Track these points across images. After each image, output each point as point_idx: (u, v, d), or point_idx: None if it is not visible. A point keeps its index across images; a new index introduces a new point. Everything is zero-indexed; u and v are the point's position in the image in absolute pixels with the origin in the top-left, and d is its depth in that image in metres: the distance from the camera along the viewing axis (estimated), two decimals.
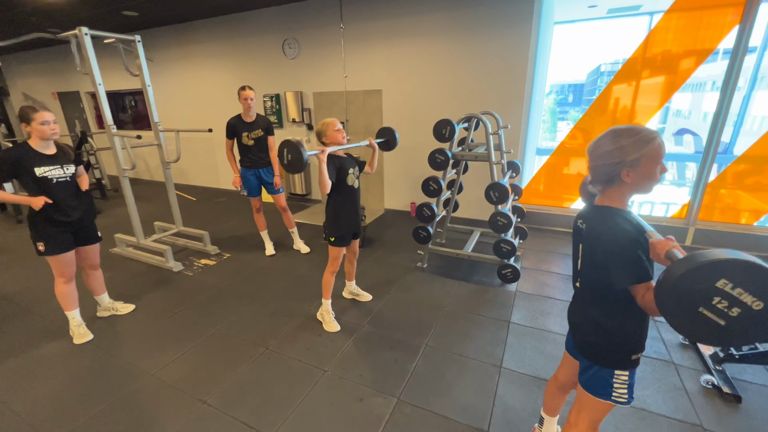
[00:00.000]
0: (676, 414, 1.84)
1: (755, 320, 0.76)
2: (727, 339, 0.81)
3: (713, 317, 0.78)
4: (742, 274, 0.75)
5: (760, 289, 0.74)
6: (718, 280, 0.76)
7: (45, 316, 2.78)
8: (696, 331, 0.82)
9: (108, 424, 1.84)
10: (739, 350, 2.06)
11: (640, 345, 1.16)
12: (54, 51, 7.57)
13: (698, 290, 0.78)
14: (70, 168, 2.29)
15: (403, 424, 1.81)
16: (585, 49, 4.45)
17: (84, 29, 3.00)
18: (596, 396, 1.23)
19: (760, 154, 3.54)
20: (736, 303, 0.76)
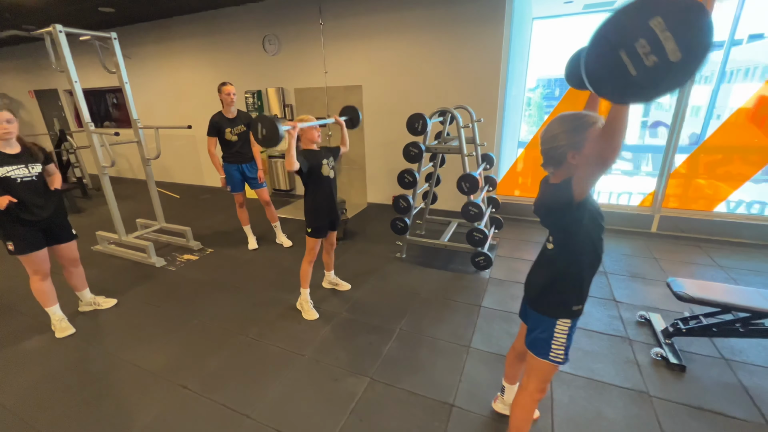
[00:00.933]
0: (625, 383, 1.99)
1: (665, 72, 0.74)
2: (627, 92, 0.80)
3: (628, 63, 0.76)
4: (680, 14, 0.72)
5: (686, 37, 0.72)
6: (655, 17, 0.73)
7: (27, 313, 2.81)
8: (608, 78, 0.81)
9: (90, 411, 1.92)
10: (686, 325, 2.23)
11: (582, 297, 1.30)
12: (30, 48, 7.42)
13: (631, 26, 0.75)
14: (35, 167, 2.29)
15: (373, 401, 1.93)
16: (567, 43, 4.55)
17: (58, 27, 3.01)
18: (537, 356, 1.37)
19: (715, 144, 3.74)
20: (658, 49, 0.73)
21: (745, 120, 3.65)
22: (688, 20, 0.72)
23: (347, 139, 2.66)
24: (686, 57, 0.73)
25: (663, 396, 1.91)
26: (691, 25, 0.72)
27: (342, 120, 2.62)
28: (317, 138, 2.44)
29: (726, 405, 1.84)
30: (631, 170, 6.78)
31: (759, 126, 3.64)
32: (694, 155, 3.86)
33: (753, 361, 2.13)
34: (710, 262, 3.33)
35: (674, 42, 0.72)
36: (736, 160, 3.80)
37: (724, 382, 1.99)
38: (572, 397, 1.92)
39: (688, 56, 0.73)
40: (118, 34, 3.48)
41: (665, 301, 2.71)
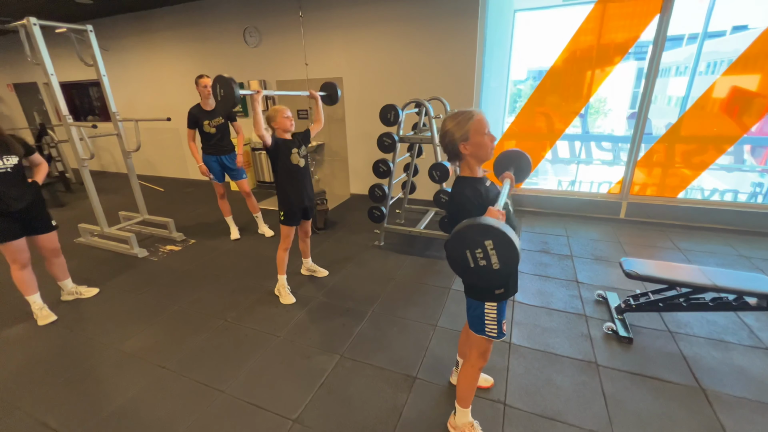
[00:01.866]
0: (577, 355, 2.15)
1: (490, 273, 1.10)
2: (468, 276, 1.15)
3: (469, 259, 1.11)
4: (502, 243, 1.05)
5: (505, 256, 1.06)
6: (488, 239, 1.06)
7: (8, 302, 2.87)
8: (456, 263, 1.15)
9: (72, 392, 2.01)
10: (636, 301, 2.39)
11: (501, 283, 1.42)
12: (7, 41, 7.28)
13: (474, 238, 1.08)
14: (10, 159, 2.33)
15: (342, 375, 2.05)
16: (552, 35, 4.61)
17: (33, 19, 3.02)
18: (475, 332, 1.50)
19: (677, 134, 3.92)
20: (487, 258, 1.08)
21: (706, 110, 3.82)
22: (507, 248, 1.05)
23: (321, 116, 2.72)
24: (502, 267, 1.08)
25: (609, 365, 2.07)
26: (508, 251, 1.06)
27: (318, 95, 2.69)
28: (290, 127, 2.52)
29: (664, 371, 2.01)
30: (611, 160, 6.99)
31: (731, 115, 3.81)
32: (659, 144, 4.04)
33: (695, 333, 2.31)
34: (670, 245, 3.51)
35: (497, 258, 1.07)
36: (698, 149, 3.98)
37: (667, 351, 2.16)
38: (527, 368, 2.07)
39: (503, 267, 1.08)
40: (98, 26, 3.51)
41: (624, 282, 2.86)
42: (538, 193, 4.54)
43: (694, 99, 4.04)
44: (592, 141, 6.72)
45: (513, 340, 2.29)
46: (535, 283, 2.94)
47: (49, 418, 1.83)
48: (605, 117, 10.56)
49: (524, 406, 1.82)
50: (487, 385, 1.94)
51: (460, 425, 1.65)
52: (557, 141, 4.76)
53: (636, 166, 4.02)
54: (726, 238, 3.61)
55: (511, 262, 1.07)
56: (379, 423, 1.76)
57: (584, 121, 7.61)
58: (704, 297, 2.23)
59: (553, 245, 3.58)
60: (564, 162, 6.57)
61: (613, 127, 11.04)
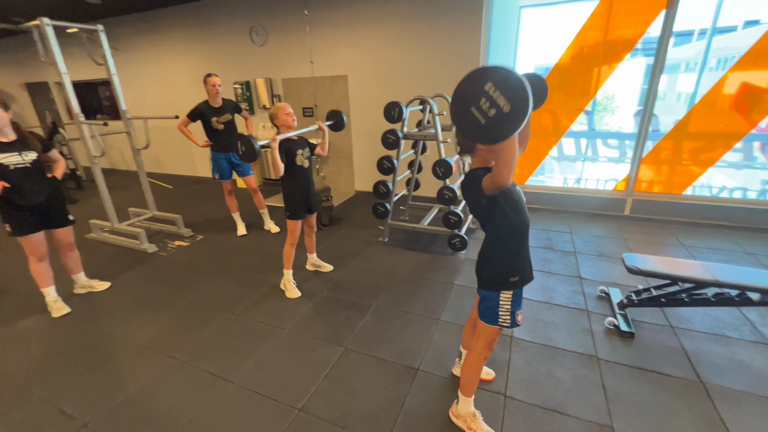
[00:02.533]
0: (578, 349, 2.18)
1: (503, 120, 1.03)
2: (486, 134, 1.08)
3: (478, 115, 1.05)
4: (503, 79, 1.00)
5: (510, 93, 1.00)
6: (486, 83, 1.02)
7: (25, 295, 2.96)
8: (468, 128, 1.10)
9: (85, 380, 2.08)
10: (639, 296, 2.41)
11: (516, 269, 1.45)
12: (20, 41, 7.43)
13: (472, 91, 1.04)
14: (29, 155, 2.42)
15: (346, 367, 2.10)
16: (558, 31, 4.57)
17: (45, 20, 3.10)
18: (487, 323, 1.53)
19: (683, 130, 3.89)
20: (494, 104, 1.02)
21: (713, 106, 3.79)
22: (509, 83, 1.00)
23: (326, 146, 2.80)
24: (514, 107, 1.02)
25: (610, 359, 2.09)
26: (511, 86, 1.01)
27: (326, 126, 2.77)
28: (293, 123, 2.57)
29: (665, 365, 2.02)
30: (618, 157, 6.94)
31: (741, 112, 3.77)
32: (665, 141, 4.01)
33: (697, 328, 2.32)
34: (675, 242, 3.50)
35: (504, 98, 1.00)
36: (705, 145, 3.95)
37: (668, 346, 2.17)
38: (528, 361, 2.10)
39: (515, 106, 1.02)
40: (108, 26, 3.58)
41: (627, 278, 2.88)
42: (542, 190, 4.54)
43: (702, 95, 4.00)
44: (598, 138, 6.69)
45: (515, 334, 2.32)
46: (537, 278, 2.95)
47: (64, 404, 1.91)
48: (613, 114, 10.45)
49: (525, 397, 1.86)
50: (489, 377, 1.98)
51: (463, 414, 1.69)
52: (561, 138, 4.74)
53: (641, 163, 4.01)
54: (732, 235, 3.59)
55: (520, 95, 1.00)
56: (382, 412, 1.80)
57: (590, 119, 7.57)
58: (706, 292, 2.24)
59: (557, 242, 3.59)
60: (570, 159, 6.55)
61: (621, 125, 10.93)
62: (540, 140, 4.72)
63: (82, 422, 1.80)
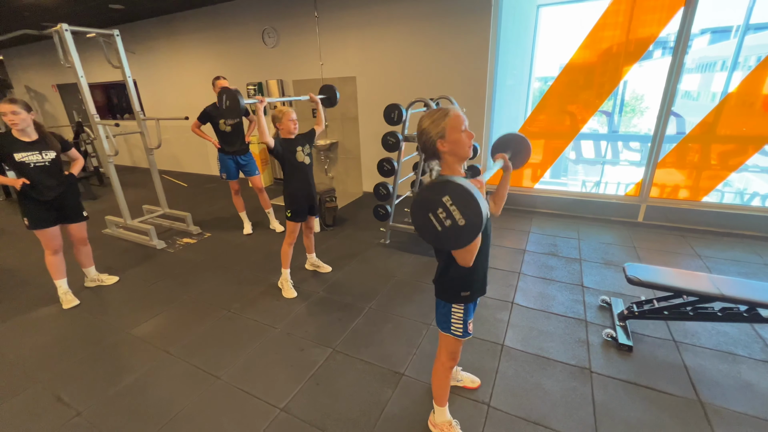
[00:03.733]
0: (571, 360, 2.10)
1: (458, 231, 1.06)
2: (441, 241, 1.10)
3: (435, 223, 1.07)
4: (459, 195, 1.03)
5: (466, 210, 1.03)
6: (444, 195, 1.04)
7: (39, 287, 3.13)
8: (425, 231, 1.12)
9: (86, 369, 2.18)
10: (640, 308, 2.30)
11: (467, 285, 1.42)
12: (52, 44, 7.83)
13: (431, 199, 1.06)
14: (48, 153, 2.56)
15: (332, 368, 2.11)
16: (577, 30, 4.40)
17: (64, 25, 3.26)
18: (441, 330, 1.51)
19: (705, 132, 3.69)
20: (450, 216, 1.04)
21: (739, 107, 3.58)
22: (465, 201, 1.03)
23: (322, 118, 2.83)
24: (468, 221, 1.04)
25: (603, 372, 2.01)
26: (467, 204, 1.03)
27: (317, 98, 2.77)
28: (294, 130, 2.60)
29: (662, 382, 1.93)
30: (638, 160, 6.66)
31: None
32: (683, 144, 3.82)
33: (702, 344, 2.20)
34: (690, 252, 3.33)
35: (459, 213, 1.04)
36: (728, 149, 3.74)
37: (668, 361, 2.07)
38: (516, 371, 2.04)
39: (469, 221, 1.04)
40: (128, 30, 3.76)
41: (632, 288, 2.76)
42: (550, 194, 4.41)
43: (725, 96, 3.78)
44: (619, 141, 6.43)
45: (506, 342, 2.27)
46: (537, 285, 2.88)
47: (63, 393, 2.00)
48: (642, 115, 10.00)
49: (508, 408, 1.81)
50: (474, 385, 1.94)
51: (439, 423, 1.67)
52: (574, 140, 4.59)
53: (657, 167, 3.83)
54: (753, 245, 3.38)
55: (474, 213, 1.04)
56: (362, 416, 1.80)
57: (610, 120, 7.29)
58: (713, 306, 2.12)
59: (563, 248, 3.48)
60: (588, 162, 6.33)
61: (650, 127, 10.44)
62: (551, 141, 4.58)
63: (76, 411, 1.88)
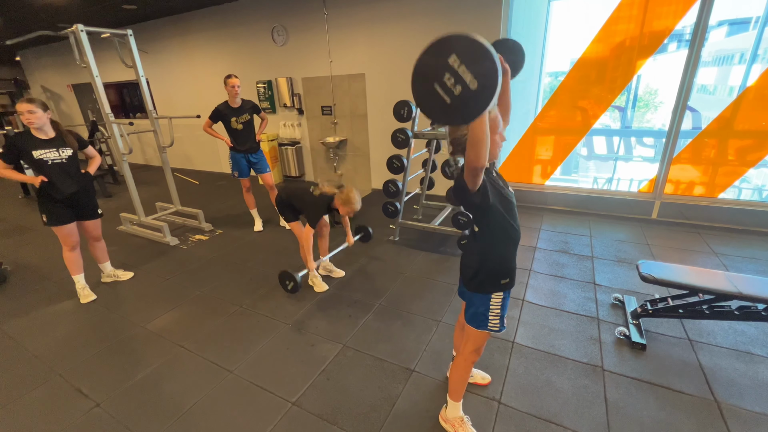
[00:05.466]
0: (582, 358, 2.08)
1: (469, 98, 0.91)
2: (451, 115, 0.96)
3: (442, 93, 0.92)
4: (467, 50, 0.87)
5: (477, 68, 0.87)
6: (450, 56, 0.88)
7: (58, 282, 3.22)
8: (431, 107, 0.97)
9: (103, 362, 2.24)
10: (654, 306, 2.27)
11: (507, 271, 1.42)
12: (67, 45, 8.00)
13: (435, 65, 0.91)
14: (66, 151, 2.62)
15: (343, 363, 2.13)
16: (589, 25, 4.31)
17: (80, 26, 3.32)
18: (476, 327, 1.50)
19: (722, 127, 3.60)
20: (460, 80, 0.89)
21: (758, 101, 3.47)
22: (475, 55, 0.87)
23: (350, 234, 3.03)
24: (481, 84, 0.89)
25: (616, 370, 1.99)
26: (478, 58, 0.87)
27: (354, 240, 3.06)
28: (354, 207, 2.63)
29: (676, 381, 1.90)
30: (652, 156, 6.53)
31: None
32: (699, 139, 3.73)
33: (719, 343, 2.16)
34: (706, 249, 3.26)
35: (470, 74, 0.88)
36: (746, 144, 3.64)
37: (683, 360, 2.04)
38: (527, 368, 2.04)
39: (483, 83, 0.89)
40: (141, 30, 3.81)
41: (646, 286, 2.72)
42: (562, 191, 4.36)
43: (742, 90, 3.68)
44: (632, 136, 6.31)
45: (517, 339, 2.26)
46: (548, 283, 2.85)
47: (82, 385, 2.06)
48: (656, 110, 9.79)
49: (519, 405, 1.81)
50: (485, 382, 1.94)
51: (451, 418, 1.67)
52: (584, 136, 4.52)
53: (672, 163, 3.75)
54: None
55: (488, 70, 0.87)
56: (372, 411, 1.81)
57: (623, 115, 7.15)
58: (729, 305, 2.08)
59: (574, 245, 3.44)
60: (600, 158, 6.22)
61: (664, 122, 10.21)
62: (562, 137, 4.53)
63: (95, 402, 1.94)
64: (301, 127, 5.93)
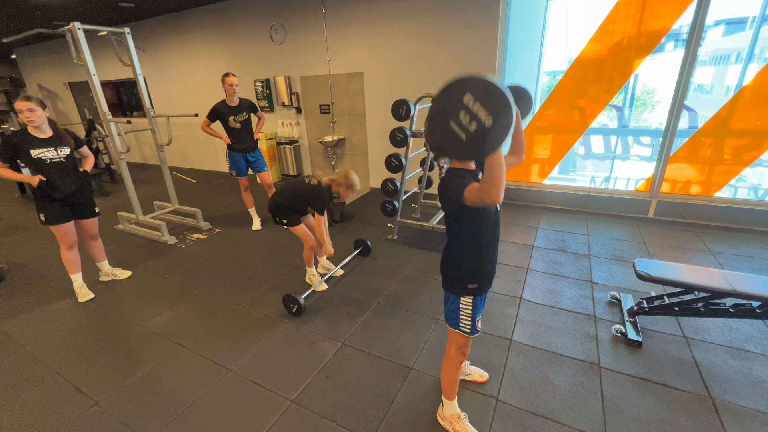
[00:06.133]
0: (579, 355, 2.10)
1: (485, 135, 0.94)
2: (466, 151, 1.01)
3: (458, 131, 0.97)
4: (482, 90, 0.92)
5: (491, 106, 0.91)
6: (465, 94, 0.93)
7: (56, 281, 3.21)
8: (447, 145, 1.02)
9: (102, 360, 2.24)
10: (650, 304, 2.29)
11: (474, 278, 1.42)
12: (63, 43, 7.93)
13: (451, 104, 0.96)
14: (63, 150, 2.62)
15: (341, 362, 2.14)
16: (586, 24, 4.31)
17: (77, 24, 3.31)
18: (450, 326, 1.52)
19: (718, 126, 3.62)
20: (474, 118, 0.94)
21: (754, 100, 3.50)
22: (489, 93, 0.92)
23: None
24: (495, 121, 0.92)
25: (612, 367, 2.01)
26: (491, 96, 0.91)
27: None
28: None
29: (671, 377, 1.92)
30: (649, 155, 6.57)
31: None
32: (695, 138, 3.76)
33: (714, 340, 2.18)
34: (701, 248, 3.29)
35: (484, 111, 0.91)
36: (742, 143, 3.67)
37: (678, 357, 2.06)
38: (525, 366, 2.05)
39: (496, 120, 0.92)
40: (137, 28, 3.79)
41: (643, 284, 2.74)
42: (560, 190, 4.38)
43: (739, 89, 3.70)
44: (630, 135, 6.34)
45: (514, 337, 2.28)
46: (545, 281, 2.87)
47: (81, 384, 2.06)
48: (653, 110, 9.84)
49: (516, 402, 1.82)
50: (482, 380, 1.95)
51: (447, 416, 1.68)
52: (584, 135, 4.54)
53: (669, 162, 3.78)
54: (767, 241, 3.32)
55: (503, 107, 0.91)
56: (371, 408, 1.82)
57: (621, 114, 7.18)
58: (725, 302, 2.10)
59: (572, 244, 3.46)
60: (598, 157, 6.25)
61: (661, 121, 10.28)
62: (560, 136, 4.54)
63: (94, 400, 1.94)
64: (299, 126, 5.92)
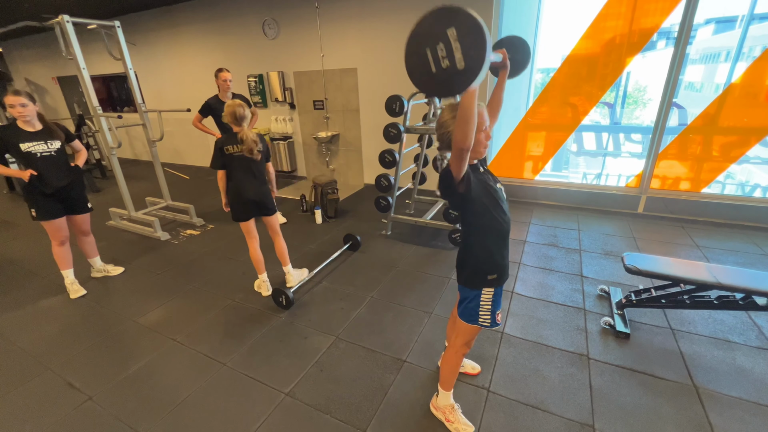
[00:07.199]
0: (569, 347, 2.15)
1: (453, 76, 0.92)
2: (430, 85, 0.99)
3: (431, 61, 0.94)
4: (468, 30, 0.88)
5: (470, 50, 0.89)
6: (450, 27, 0.90)
7: (46, 277, 3.18)
8: (416, 70, 0.99)
9: (95, 356, 2.24)
10: (638, 297, 2.34)
11: (494, 267, 1.44)
12: (52, 36, 7.80)
13: (433, 30, 0.93)
14: (54, 143, 2.59)
15: (335, 355, 2.16)
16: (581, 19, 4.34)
17: (66, 17, 3.26)
18: (467, 322, 1.53)
19: (706, 123, 3.68)
20: (450, 55, 0.91)
21: (740, 98, 3.57)
22: (473, 37, 0.89)
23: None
24: (467, 66, 0.91)
25: (601, 359, 2.05)
26: (473, 42, 0.89)
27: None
28: None
29: (657, 368, 1.97)
30: (639, 152, 6.66)
31: None
32: (683, 135, 3.82)
33: (699, 331, 2.24)
34: (689, 242, 3.36)
35: (460, 53, 0.89)
36: (728, 140, 3.74)
37: (664, 348, 2.11)
38: (515, 358, 2.09)
39: (469, 65, 0.91)
40: (127, 21, 3.72)
41: (631, 277, 2.80)
42: (551, 186, 4.43)
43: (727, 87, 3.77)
44: (621, 132, 6.42)
45: (506, 330, 2.31)
46: (537, 275, 2.91)
47: (73, 379, 2.06)
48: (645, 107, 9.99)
49: (507, 393, 1.86)
50: (474, 372, 1.99)
51: (441, 406, 1.71)
52: (574, 132, 4.59)
53: (658, 159, 3.84)
54: (752, 236, 3.40)
55: (478, 56, 0.88)
56: (364, 400, 1.85)
57: (612, 111, 7.25)
58: (709, 295, 2.15)
59: (563, 239, 3.51)
60: (589, 154, 6.32)
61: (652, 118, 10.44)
62: (553, 133, 4.58)
63: (87, 396, 1.94)
64: (293, 122, 5.90)
